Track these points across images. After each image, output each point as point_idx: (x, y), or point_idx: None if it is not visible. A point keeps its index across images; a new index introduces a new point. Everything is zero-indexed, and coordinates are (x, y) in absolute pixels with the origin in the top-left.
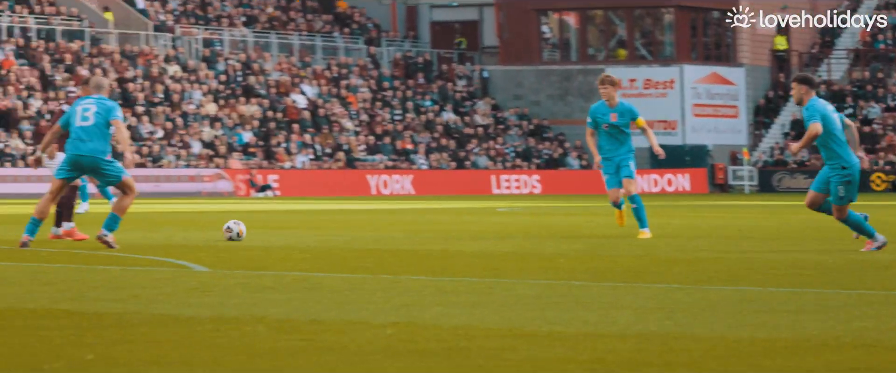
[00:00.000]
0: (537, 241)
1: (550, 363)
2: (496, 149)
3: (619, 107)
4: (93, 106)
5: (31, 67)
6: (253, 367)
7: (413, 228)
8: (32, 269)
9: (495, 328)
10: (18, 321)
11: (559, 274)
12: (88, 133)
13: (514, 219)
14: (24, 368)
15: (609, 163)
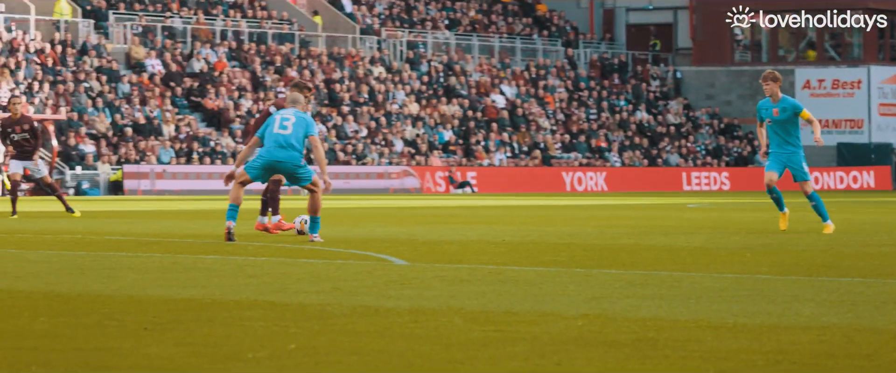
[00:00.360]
0: (725, 236)
1: (735, 354)
2: (687, 147)
3: (781, 102)
4: (292, 117)
5: (243, 69)
6: (448, 356)
7: (605, 223)
8: (239, 262)
9: (682, 320)
10: (225, 312)
11: (745, 268)
12: (286, 141)
13: (702, 215)
14: (229, 357)
15: (775, 158)
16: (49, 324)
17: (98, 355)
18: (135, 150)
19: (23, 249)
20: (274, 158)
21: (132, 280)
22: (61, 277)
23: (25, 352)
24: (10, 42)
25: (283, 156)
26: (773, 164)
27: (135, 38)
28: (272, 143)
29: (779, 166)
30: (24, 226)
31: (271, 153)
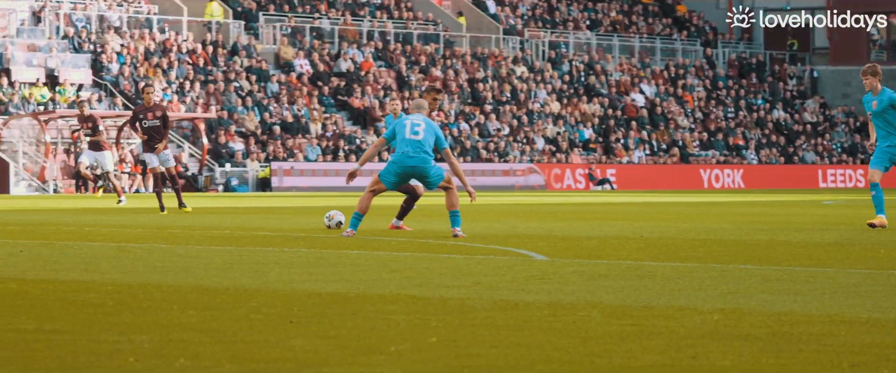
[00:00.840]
0: (859, 232)
1: (868, 348)
2: (823, 145)
3: (880, 94)
4: (422, 122)
5: (389, 69)
6: (585, 350)
7: (741, 219)
8: (383, 257)
9: (816, 315)
10: (368, 306)
11: (879, 263)
12: (420, 146)
13: (837, 211)
14: (372, 349)
15: (879, 154)
16: (197, 317)
17: (244, 347)
18: (282, 147)
19: (172, 244)
20: (409, 165)
21: (278, 275)
22: (210, 271)
23: (174, 344)
24: (162, 43)
25: (417, 161)
26: (877, 160)
27: (284, 38)
28: (407, 148)
29: (883, 163)
30: (174, 221)
31: (405, 160)
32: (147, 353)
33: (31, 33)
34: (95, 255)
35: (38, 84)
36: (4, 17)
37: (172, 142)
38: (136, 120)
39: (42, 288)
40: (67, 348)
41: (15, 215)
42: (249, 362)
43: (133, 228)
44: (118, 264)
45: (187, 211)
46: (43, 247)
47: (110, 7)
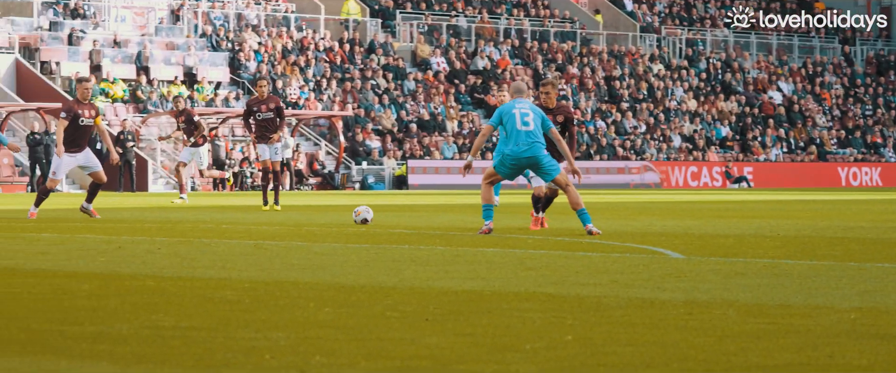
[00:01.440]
0: None
1: None
2: None
3: None
4: (529, 111)
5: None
6: (721, 348)
7: (879, 217)
8: (519, 255)
9: None
10: (504, 303)
11: None
12: (532, 135)
13: None
14: (507, 347)
15: None
16: (333, 314)
17: (379, 344)
18: (419, 145)
19: (309, 242)
20: (523, 155)
21: (414, 272)
22: (346, 269)
23: (309, 341)
24: (300, 41)
25: (532, 152)
26: None
27: (420, 36)
28: (520, 139)
29: None
30: (312, 219)
31: (519, 150)
32: (283, 350)
33: (170, 32)
34: (232, 252)
35: (176, 82)
36: (143, 16)
37: (309, 139)
38: (250, 114)
39: (179, 285)
40: (204, 345)
41: (153, 213)
42: (384, 360)
43: (270, 226)
44: (255, 262)
45: (277, 210)
46: (180, 244)
47: (248, 5)
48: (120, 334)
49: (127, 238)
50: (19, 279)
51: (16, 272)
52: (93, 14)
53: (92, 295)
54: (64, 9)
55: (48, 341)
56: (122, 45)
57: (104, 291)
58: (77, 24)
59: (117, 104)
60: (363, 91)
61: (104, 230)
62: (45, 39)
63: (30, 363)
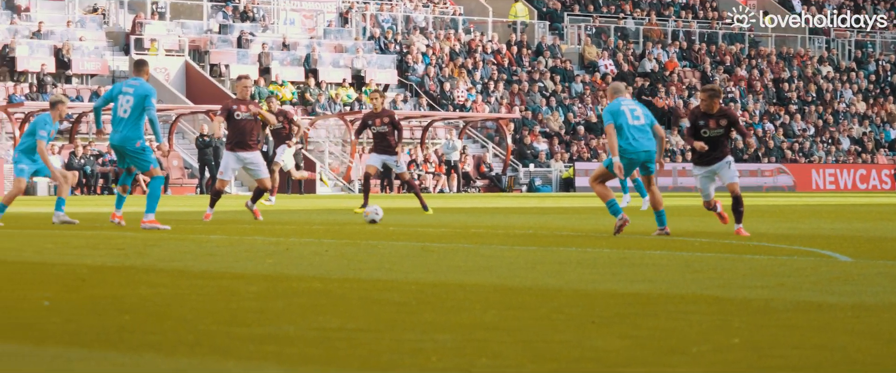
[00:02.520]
0: None
1: None
2: None
3: None
4: (637, 106)
5: (693, 68)
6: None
7: None
8: (685, 258)
9: None
10: (669, 306)
11: None
12: (644, 130)
13: None
14: (673, 350)
15: None
16: (498, 317)
17: (545, 347)
18: (586, 147)
19: (476, 244)
20: (640, 149)
21: (580, 274)
22: (512, 271)
23: (475, 344)
24: (467, 43)
25: (649, 145)
26: None
27: (588, 38)
28: (635, 133)
29: None
30: (479, 221)
31: (637, 145)
32: (448, 352)
33: (338, 34)
34: (399, 254)
35: (344, 84)
36: (312, 19)
37: (477, 141)
38: (365, 127)
39: (345, 287)
40: (370, 347)
41: (320, 215)
42: (550, 362)
43: (436, 228)
44: (421, 264)
45: (429, 213)
46: (347, 246)
47: (416, 8)
48: (286, 335)
49: (294, 240)
50: (187, 281)
51: (184, 274)
52: (262, 17)
53: (259, 297)
54: (234, 12)
55: (215, 341)
56: (290, 47)
57: (271, 292)
58: (246, 27)
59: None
60: (530, 93)
61: (272, 232)
62: (215, 42)
63: (197, 364)
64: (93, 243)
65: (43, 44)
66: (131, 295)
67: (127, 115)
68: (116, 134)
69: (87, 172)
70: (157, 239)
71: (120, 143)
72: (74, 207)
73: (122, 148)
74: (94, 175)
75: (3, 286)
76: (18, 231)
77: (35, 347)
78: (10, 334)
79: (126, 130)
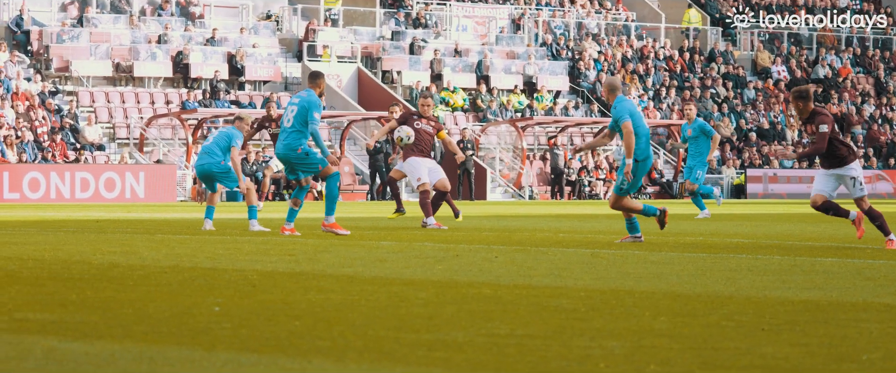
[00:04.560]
0: None
1: None
2: None
3: None
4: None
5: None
6: None
7: None
8: (857, 265)
9: None
10: (841, 314)
11: None
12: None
13: None
14: (843, 358)
15: None
16: (668, 323)
17: (714, 354)
18: (758, 154)
19: (645, 251)
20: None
21: (751, 281)
22: (682, 278)
23: (645, 350)
24: (640, 49)
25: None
26: None
27: (761, 44)
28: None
29: None
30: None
31: (650, 150)
32: (617, 358)
33: (510, 41)
34: (569, 261)
35: (516, 91)
36: (484, 25)
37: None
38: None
39: (515, 293)
40: (539, 353)
41: (491, 221)
42: (720, 369)
43: (607, 234)
44: (591, 270)
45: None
46: (517, 252)
47: (588, 14)
48: (455, 341)
49: (464, 246)
50: (358, 287)
51: (354, 280)
52: (434, 23)
53: (428, 303)
54: (406, 18)
55: (385, 347)
56: (462, 53)
57: (441, 298)
58: (419, 34)
59: (457, 113)
60: (703, 99)
61: (442, 239)
62: (387, 49)
63: (366, 370)
64: (264, 249)
65: (216, 50)
66: (301, 301)
67: (290, 124)
68: (280, 143)
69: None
70: (327, 245)
71: (283, 151)
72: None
73: (285, 156)
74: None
75: (175, 292)
76: (190, 237)
77: (206, 352)
78: (182, 340)
79: (288, 138)
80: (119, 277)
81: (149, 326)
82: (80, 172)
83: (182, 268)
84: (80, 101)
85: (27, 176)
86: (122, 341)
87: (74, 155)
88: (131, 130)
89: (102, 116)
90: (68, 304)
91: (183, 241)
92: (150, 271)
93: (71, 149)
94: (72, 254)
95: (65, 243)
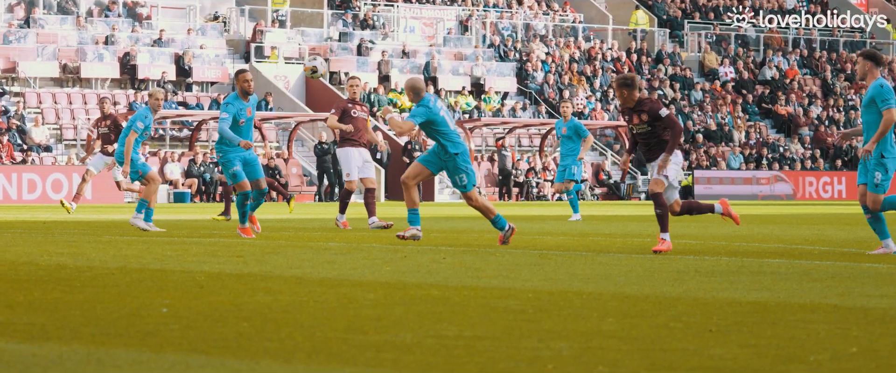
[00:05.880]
0: None
1: None
2: None
3: None
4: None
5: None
6: None
7: None
8: (804, 266)
9: None
10: (788, 315)
11: None
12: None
13: None
14: (791, 358)
15: None
16: (616, 324)
17: (663, 355)
18: (705, 155)
19: (594, 252)
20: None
21: (699, 283)
22: (630, 279)
23: (593, 351)
24: (587, 51)
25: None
26: None
27: (708, 46)
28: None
29: None
30: (597, 229)
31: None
32: (566, 359)
33: (458, 42)
34: (517, 262)
35: (463, 92)
36: (432, 27)
37: (595, 149)
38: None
39: (464, 295)
40: (488, 355)
41: (439, 222)
42: (668, 371)
43: (555, 236)
44: (539, 272)
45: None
46: (465, 254)
47: (536, 16)
48: (404, 342)
49: (412, 247)
50: (306, 288)
51: (302, 281)
52: (382, 25)
53: (377, 304)
54: (353, 19)
55: (333, 348)
56: (410, 55)
57: (389, 300)
58: (366, 35)
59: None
60: None
61: (390, 240)
62: (335, 50)
63: (316, 371)
64: (211, 251)
65: (164, 51)
66: (250, 302)
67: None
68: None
69: (207, 180)
70: (275, 247)
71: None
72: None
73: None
74: (214, 182)
75: (123, 293)
76: (137, 238)
77: (155, 353)
78: (130, 341)
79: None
80: (67, 279)
81: (97, 327)
82: (28, 173)
83: (130, 269)
84: (27, 102)
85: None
86: (71, 343)
87: (21, 156)
88: (79, 131)
89: (50, 118)
90: (16, 305)
91: (130, 242)
92: (98, 273)
93: (18, 150)
94: (19, 255)
95: (12, 245)
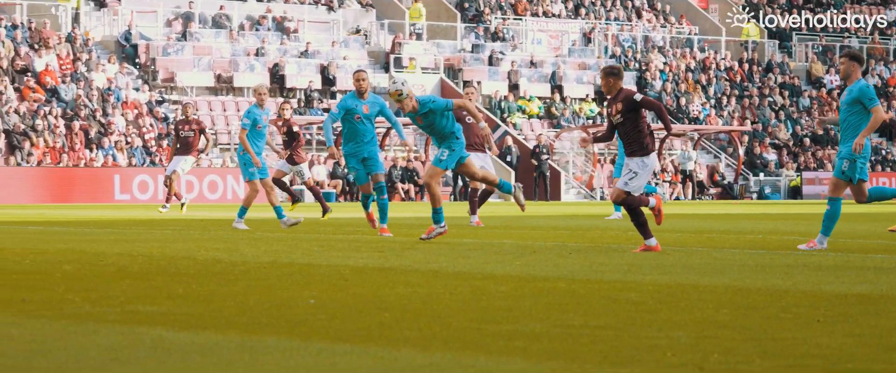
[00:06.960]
0: None
1: None
2: None
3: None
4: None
5: None
6: None
7: None
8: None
9: None
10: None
11: None
12: None
13: None
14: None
15: None
16: (730, 315)
17: (773, 344)
18: (813, 158)
19: (709, 248)
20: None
21: (807, 277)
22: (744, 273)
23: (708, 340)
24: (702, 61)
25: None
26: None
27: (815, 56)
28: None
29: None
30: (712, 226)
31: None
32: (683, 348)
33: (582, 53)
34: (637, 257)
35: (587, 99)
36: (558, 39)
37: (710, 152)
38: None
39: (588, 287)
40: (610, 343)
41: (565, 220)
42: (778, 358)
43: (672, 233)
44: (658, 266)
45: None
46: (589, 250)
47: (654, 28)
48: (533, 332)
49: (541, 244)
50: (442, 281)
51: (439, 274)
52: (512, 37)
53: (508, 296)
54: (485, 32)
55: (467, 337)
56: (537, 65)
57: (519, 292)
58: (497, 47)
59: (533, 120)
60: (761, 107)
61: (520, 236)
62: (468, 60)
63: (451, 358)
64: (355, 247)
65: (310, 62)
66: (390, 294)
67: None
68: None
69: (350, 180)
70: (413, 243)
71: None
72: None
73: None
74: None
75: (274, 286)
76: (286, 235)
77: (303, 342)
78: (280, 330)
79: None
80: (222, 272)
81: (249, 317)
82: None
83: (280, 264)
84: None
85: (136, 179)
86: (226, 332)
87: None
88: (232, 136)
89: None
90: (175, 297)
91: (281, 238)
92: (251, 267)
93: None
94: (178, 251)
95: (172, 241)
